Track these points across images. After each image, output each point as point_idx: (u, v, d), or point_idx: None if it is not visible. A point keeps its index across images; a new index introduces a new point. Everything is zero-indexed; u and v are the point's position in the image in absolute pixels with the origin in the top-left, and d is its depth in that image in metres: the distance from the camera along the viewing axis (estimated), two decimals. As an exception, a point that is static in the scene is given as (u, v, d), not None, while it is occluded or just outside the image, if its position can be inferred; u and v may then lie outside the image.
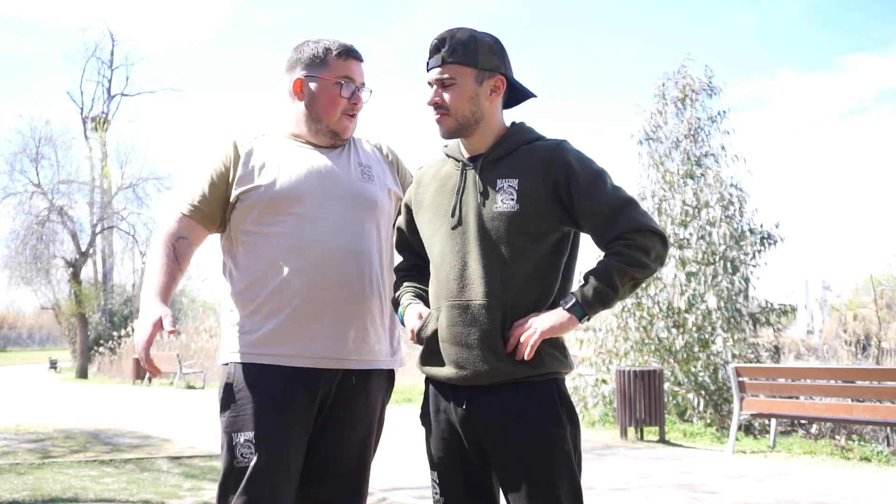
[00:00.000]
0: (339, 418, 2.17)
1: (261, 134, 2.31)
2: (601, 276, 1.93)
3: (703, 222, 10.53)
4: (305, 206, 2.17)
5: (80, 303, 27.17)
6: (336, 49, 2.25)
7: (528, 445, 1.93)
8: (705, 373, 9.86)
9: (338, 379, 2.16)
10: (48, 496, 5.13)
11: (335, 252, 2.16)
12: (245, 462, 2.07)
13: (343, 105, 2.24)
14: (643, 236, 1.94)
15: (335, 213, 2.19)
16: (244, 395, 2.12)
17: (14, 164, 27.65)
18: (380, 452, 2.38)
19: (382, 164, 2.38)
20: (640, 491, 5.57)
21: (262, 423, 2.08)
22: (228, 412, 2.13)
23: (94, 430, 9.17)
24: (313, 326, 2.13)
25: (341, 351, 2.15)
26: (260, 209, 2.17)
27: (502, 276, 1.98)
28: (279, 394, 2.10)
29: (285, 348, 2.12)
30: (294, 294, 2.13)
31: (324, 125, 2.26)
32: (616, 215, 1.96)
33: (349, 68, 2.25)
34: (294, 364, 2.12)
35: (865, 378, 7.87)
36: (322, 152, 2.27)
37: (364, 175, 2.28)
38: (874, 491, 5.64)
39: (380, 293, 2.25)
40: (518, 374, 1.96)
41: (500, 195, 2.01)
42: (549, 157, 2.02)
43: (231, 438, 2.10)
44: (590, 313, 1.95)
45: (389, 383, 2.33)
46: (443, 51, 2.04)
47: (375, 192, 2.28)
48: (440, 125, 2.08)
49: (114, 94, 33.24)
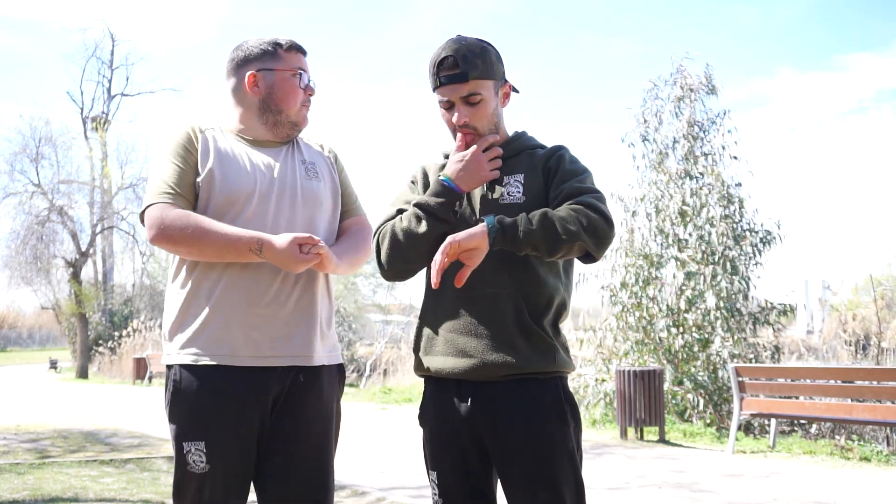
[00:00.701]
0: (293, 417, 2.14)
1: (210, 127, 2.27)
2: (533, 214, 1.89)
3: (702, 222, 10.53)
4: (251, 204, 2.14)
5: (80, 303, 27.18)
6: (285, 43, 2.26)
7: (534, 442, 1.94)
8: (705, 373, 9.87)
9: (289, 378, 2.14)
10: (48, 496, 5.14)
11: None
12: (198, 469, 2.07)
13: (301, 96, 2.26)
14: (590, 208, 1.90)
15: (280, 211, 2.17)
16: (192, 400, 2.08)
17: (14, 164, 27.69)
18: (379, 452, 2.38)
19: (325, 162, 2.37)
20: (640, 491, 5.57)
21: (212, 431, 2.06)
22: (177, 419, 2.10)
23: (94, 430, 9.17)
24: (261, 325, 2.10)
25: (289, 348, 2.13)
26: (210, 204, 2.13)
27: (510, 269, 1.98)
28: (228, 397, 2.07)
29: (232, 348, 2.08)
30: (242, 292, 2.10)
31: (284, 116, 2.25)
32: (576, 192, 1.96)
33: (300, 60, 2.27)
34: (243, 364, 2.08)
35: (865, 378, 7.87)
36: (267, 151, 2.25)
37: (309, 172, 2.27)
38: (874, 491, 5.64)
39: (326, 290, 2.25)
40: (528, 368, 1.96)
41: (506, 189, 2.04)
42: (549, 155, 2.09)
43: (182, 447, 2.08)
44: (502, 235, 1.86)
45: (340, 379, 2.31)
46: (462, 67, 2.00)
47: (321, 188, 2.27)
48: (467, 144, 2.07)
49: (114, 94, 33.28)
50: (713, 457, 7.33)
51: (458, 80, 2.00)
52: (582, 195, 1.95)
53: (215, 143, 2.21)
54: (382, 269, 2.10)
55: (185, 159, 2.15)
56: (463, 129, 2.05)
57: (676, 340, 10.13)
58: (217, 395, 2.07)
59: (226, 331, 2.09)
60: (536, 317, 1.99)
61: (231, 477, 2.10)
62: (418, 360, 2.11)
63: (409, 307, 24.69)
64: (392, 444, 7.93)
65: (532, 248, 1.87)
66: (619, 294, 10.60)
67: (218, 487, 2.09)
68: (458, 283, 1.90)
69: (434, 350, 2.05)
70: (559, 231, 1.85)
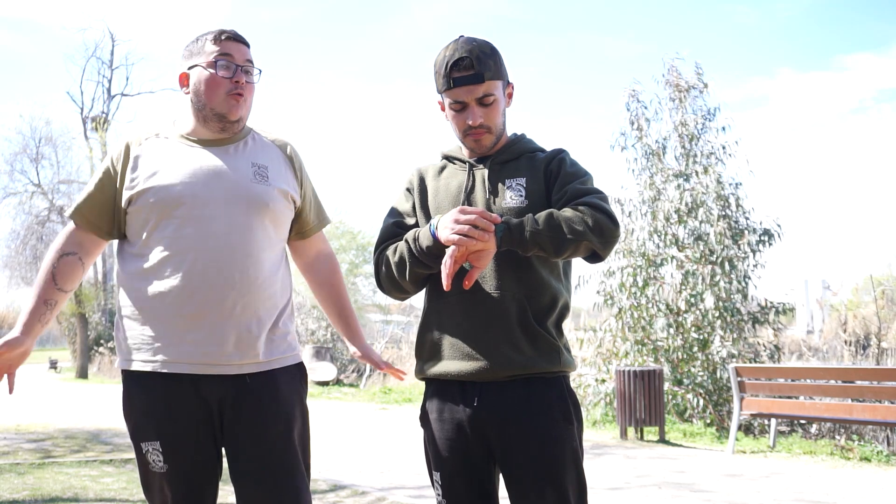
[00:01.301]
0: (246, 420, 2.12)
1: (153, 134, 2.25)
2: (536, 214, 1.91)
3: (699, 221, 10.53)
4: (189, 209, 2.11)
5: (80, 303, 27.20)
6: (211, 35, 2.19)
7: (540, 441, 1.94)
8: (704, 373, 9.87)
9: (231, 383, 2.11)
10: (48, 496, 5.14)
11: (217, 255, 2.09)
12: (157, 467, 2.11)
13: (225, 85, 2.15)
14: (594, 208, 1.91)
15: (220, 215, 2.12)
16: (141, 403, 2.12)
17: (14, 164, 27.72)
18: (379, 453, 2.37)
19: (283, 165, 2.29)
20: (640, 491, 5.57)
21: (165, 432, 2.09)
22: (131, 420, 2.15)
23: (95, 430, 9.17)
24: (193, 332, 2.08)
25: (220, 356, 2.09)
26: (146, 214, 2.13)
27: (514, 271, 1.98)
28: (173, 400, 2.09)
29: (168, 354, 2.09)
30: (174, 299, 2.08)
31: (208, 110, 2.18)
32: (580, 193, 1.97)
33: (226, 48, 2.17)
34: (176, 370, 2.09)
35: (865, 378, 7.88)
36: (214, 151, 2.20)
37: (257, 175, 2.20)
38: (874, 491, 5.65)
39: (269, 295, 2.18)
40: (533, 369, 1.96)
41: (508, 192, 2.03)
42: (550, 158, 2.09)
43: (140, 447, 2.13)
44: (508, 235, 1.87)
45: (301, 376, 2.26)
46: (477, 67, 2.00)
47: (267, 192, 2.19)
48: (480, 143, 2.06)
49: (114, 94, 33.26)
50: (713, 457, 7.33)
51: (475, 80, 2.00)
52: (586, 196, 1.95)
53: (152, 153, 2.19)
54: (381, 290, 2.14)
55: (107, 181, 2.20)
56: (478, 129, 2.04)
57: (675, 340, 10.13)
58: (163, 398, 2.10)
59: (161, 338, 2.10)
60: (540, 318, 1.99)
61: (191, 476, 2.12)
62: (422, 365, 2.11)
63: (409, 307, 24.70)
64: (392, 445, 7.93)
65: (539, 248, 1.87)
66: (618, 295, 10.61)
67: (180, 485, 2.11)
68: (467, 284, 1.90)
69: (439, 354, 2.05)
70: (565, 231, 1.86)
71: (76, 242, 2.22)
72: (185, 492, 2.12)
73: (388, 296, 2.14)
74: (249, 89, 2.20)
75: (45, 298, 2.18)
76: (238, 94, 2.16)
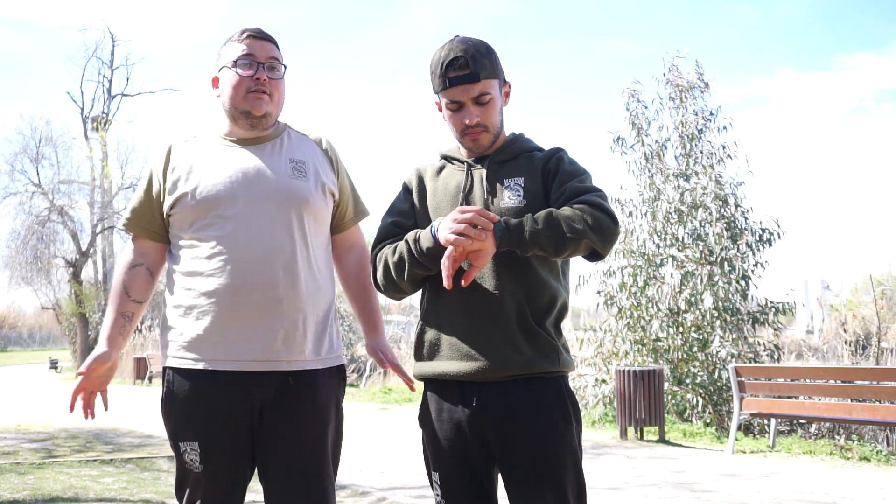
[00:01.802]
0: (286, 422, 2.13)
1: (192, 136, 2.28)
2: (535, 214, 1.91)
3: (698, 221, 10.54)
4: (229, 208, 2.13)
5: (80, 303, 27.21)
6: (235, 35, 2.22)
7: (540, 441, 1.95)
8: (704, 373, 9.88)
9: (275, 382, 2.12)
10: (49, 496, 5.15)
11: (260, 252, 2.12)
12: (194, 467, 2.12)
13: (246, 83, 2.17)
14: (594, 207, 1.91)
15: (261, 213, 2.14)
16: (182, 402, 2.13)
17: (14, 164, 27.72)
18: (379, 453, 2.38)
19: (320, 159, 2.32)
20: (640, 490, 5.58)
21: (203, 433, 2.10)
22: (170, 420, 2.17)
23: (95, 430, 9.18)
24: (239, 330, 2.10)
25: (269, 353, 2.11)
26: (188, 216, 2.16)
27: (513, 271, 1.99)
28: (214, 400, 2.10)
29: (214, 352, 2.11)
30: (221, 298, 2.10)
31: (234, 108, 2.21)
32: (580, 192, 1.97)
33: (249, 47, 2.19)
34: (224, 368, 2.10)
35: (865, 378, 7.88)
36: (251, 149, 2.22)
37: (296, 171, 2.22)
38: (874, 491, 5.65)
39: (312, 291, 2.19)
40: (533, 369, 1.97)
41: (506, 192, 2.03)
42: (548, 157, 2.08)
43: (178, 447, 2.15)
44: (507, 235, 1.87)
45: (340, 379, 2.28)
46: (472, 66, 2.00)
47: (307, 188, 2.22)
48: (478, 142, 2.06)
49: (114, 95, 33.30)
50: (713, 457, 7.33)
51: (470, 80, 2.00)
52: (585, 194, 1.95)
53: (190, 153, 2.23)
54: (378, 289, 2.14)
55: (153, 188, 2.25)
56: (475, 128, 2.04)
57: (675, 340, 10.14)
58: (205, 398, 2.11)
59: (208, 336, 2.11)
60: (539, 318, 1.99)
61: (227, 476, 2.13)
62: (420, 365, 2.10)
63: (408, 307, 24.68)
64: (392, 445, 7.93)
65: (538, 248, 1.87)
66: (618, 295, 10.61)
67: (214, 485, 2.13)
68: (465, 282, 1.90)
69: (438, 355, 2.05)
70: (565, 230, 1.86)
71: (140, 253, 2.27)
72: (217, 492, 2.14)
73: (385, 295, 2.14)
74: (274, 86, 2.21)
75: (122, 311, 2.25)
76: (259, 90, 2.18)
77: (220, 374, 2.10)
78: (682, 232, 10.64)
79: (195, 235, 2.16)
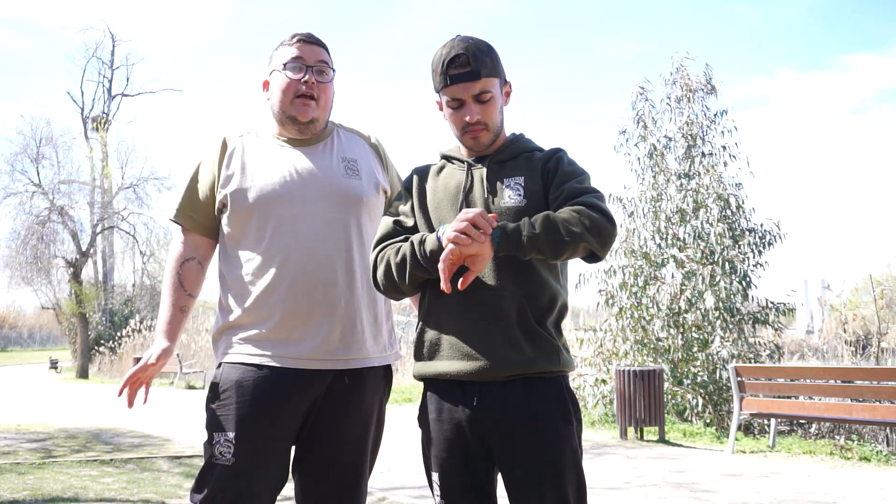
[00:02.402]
0: (332, 420, 2.14)
1: (246, 132, 2.28)
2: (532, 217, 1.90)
3: (700, 222, 10.54)
4: (287, 207, 2.14)
5: (80, 303, 27.18)
6: (286, 39, 2.23)
7: (540, 441, 1.95)
8: (704, 373, 9.87)
9: (329, 380, 2.14)
10: (48, 496, 5.14)
11: (318, 252, 2.13)
12: (223, 460, 2.08)
13: (294, 87, 2.18)
14: (593, 209, 1.91)
15: (317, 212, 2.16)
16: (228, 394, 2.11)
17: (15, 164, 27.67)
18: (380, 452, 2.38)
19: (371, 156, 2.33)
20: (640, 490, 5.58)
21: (243, 425, 2.08)
22: (212, 410, 2.14)
23: (95, 430, 9.17)
24: (300, 328, 2.11)
25: (328, 351, 2.13)
26: (243, 213, 2.16)
27: (514, 270, 1.99)
28: (263, 395, 2.09)
29: (273, 350, 2.11)
30: (280, 296, 2.11)
31: (281, 112, 2.22)
32: (578, 192, 1.97)
33: (300, 50, 2.20)
34: (282, 365, 2.10)
35: (865, 378, 7.88)
36: (303, 149, 2.23)
37: (348, 170, 2.24)
38: (873, 491, 5.65)
39: (368, 290, 2.22)
40: (533, 369, 1.97)
41: (507, 191, 2.03)
42: (547, 157, 2.09)
43: (212, 437, 2.11)
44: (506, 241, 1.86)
45: (387, 381, 2.30)
46: (473, 65, 2.01)
47: (360, 186, 2.24)
48: (478, 140, 2.06)
49: (114, 95, 33.29)
50: (713, 457, 7.33)
51: (471, 77, 2.00)
52: (583, 195, 1.95)
53: (245, 149, 2.23)
54: (377, 289, 2.10)
55: (207, 180, 2.23)
56: (475, 126, 2.04)
57: (676, 340, 10.13)
58: (254, 391, 2.09)
59: (266, 337, 2.12)
60: (540, 318, 2.00)
61: (258, 473, 2.09)
62: (420, 365, 2.10)
63: (408, 307, 24.65)
64: (393, 445, 7.92)
65: (537, 251, 1.87)
66: (619, 294, 10.61)
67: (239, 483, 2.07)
68: (462, 286, 1.90)
69: (438, 355, 2.05)
70: (563, 233, 1.86)
71: (192, 247, 2.26)
72: (239, 489, 2.08)
73: (384, 295, 2.13)
74: (323, 89, 2.22)
75: (180, 305, 2.24)
76: (307, 94, 2.18)
77: (276, 372, 2.10)
78: (684, 232, 10.64)
79: (251, 234, 2.16)
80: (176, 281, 2.23)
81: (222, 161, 2.21)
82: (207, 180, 2.23)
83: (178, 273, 2.23)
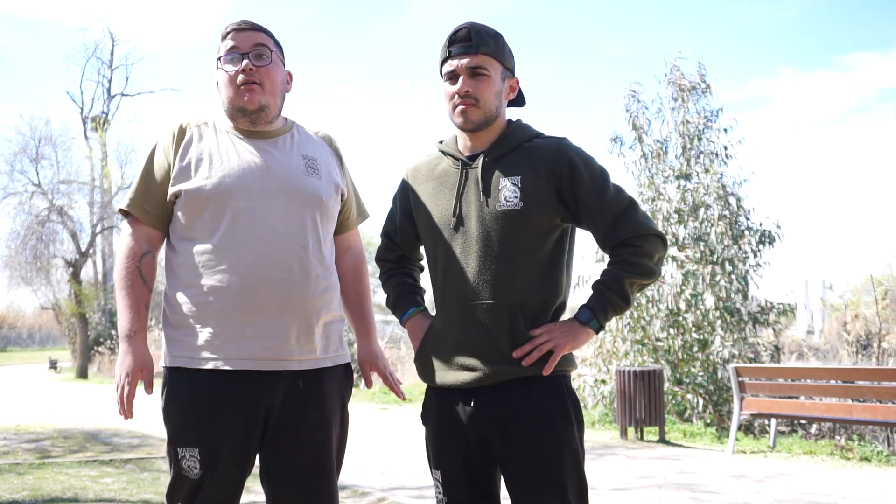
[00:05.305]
0: (293, 423, 2.08)
1: (204, 122, 2.19)
2: (613, 287, 1.97)
3: (699, 222, 10.53)
4: (244, 200, 2.06)
5: (80, 303, 27.16)
6: (223, 31, 2.17)
7: (538, 442, 1.94)
8: (704, 373, 9.86)
9: (287, 382, 2.07)
10: (48, 496, 5.13)
11: (274, 249, 2.05)
12: (192, 474, 2.05)
13: (237, 78, 2.10)
14: (647, 241, 1.96)
15: (275, 207, 2.07)
16: (185, 404, 2.06)
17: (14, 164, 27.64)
18: (379, 453, 2.36)
19: (330, 157, 2.27)
20: (640, 491, 5.57)
21: (205, 437, 2.03)
22: (171, 423, 2.09)
23: (94, 430, 9.16)
24: (253, 326, 2.03)
25: (283, 351, 2.05)
26: (197, 206, 2.07)
27: (508, 276, 1.97)
28: (219, 403, 2.03)
29: (225, 351, 2.03)
30: (232, 294, 2.03)
31: (231, 108, 2.14)
32: (620, 218, 1.97)
33: (233, 40, 2.13)
34: (235, 367, 2.03)
35: (865, 378, 7.87)
36: (262, 142, 2.15)
37: (308, 168, 2.16)
38: (874, 491, 5.64)
39: (323, 289, 2.14)
40: (530, 371, 1.97)
41: (503, 193, 1.99)
42: (553, 155, 2.01)
43: (176, 452, 2.06)
44: (604, 325, 2.02)
45: (347, 380, 2.23)
46: (474, 40, 1.99)
47: (320, 186, 2.16)
48: (466, 116, 2.00)
49: (114, 94, 33.25)
50: (713, 457, 7.32)
51: (468, 50, 1.99)
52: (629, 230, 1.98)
53: (203, 138, 2.15)
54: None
55: (161, 171, 2.13)
56: (466, 99, 1.99)
57: (676, 341, 10.12)
58: (211, 401, 2.03)
59: (218, 334, 2.04)
60: (532, 323, 1.99)
61: (227, 483, 2.08)
62: (423, 375, 2.12)
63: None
64: (393, 445, 7.92)
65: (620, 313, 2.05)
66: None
67: (211, 492, 2.06)
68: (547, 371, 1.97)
69: (437, 364, 2.06)
70: (636, 293, 2.02)
71: (147, 240, 2.16)
72: (215, 498, 2.07)
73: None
74: (265, 73, 2.13)
75: (145, 303, 2.16)
76: (249, 82, 2.11)
77: (230, 375, 2.02)
78: (683, 232, 10.63)
79: (204, 227, 2.07)
80: (138, 277, 2.12)
81: (178, 149, 2.12)
82: (162, 169, 2.13)
83: (139, 268, 2.13)
